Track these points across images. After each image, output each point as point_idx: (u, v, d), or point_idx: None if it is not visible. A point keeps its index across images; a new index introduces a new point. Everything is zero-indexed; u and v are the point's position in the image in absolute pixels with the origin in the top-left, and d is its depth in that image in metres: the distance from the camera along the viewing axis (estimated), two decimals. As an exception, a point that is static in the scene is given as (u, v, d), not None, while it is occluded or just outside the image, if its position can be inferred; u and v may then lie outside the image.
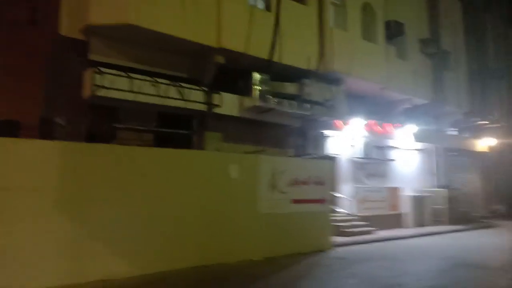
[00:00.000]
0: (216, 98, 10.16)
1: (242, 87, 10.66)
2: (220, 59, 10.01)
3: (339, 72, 11.85)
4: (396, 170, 16.32)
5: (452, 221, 16.38)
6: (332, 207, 12.84)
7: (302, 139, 12.27)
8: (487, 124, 19.27)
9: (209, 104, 10.00)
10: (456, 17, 18.00)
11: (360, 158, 14.40)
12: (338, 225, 12.52)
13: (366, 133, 14.23)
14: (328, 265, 8.46)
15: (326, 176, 10.68)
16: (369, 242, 11.66)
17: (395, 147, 16.38)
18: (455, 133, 19.30)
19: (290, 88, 11.19)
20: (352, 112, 13.41)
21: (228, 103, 10.42)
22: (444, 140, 18.04)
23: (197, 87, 9.85)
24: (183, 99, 9.41)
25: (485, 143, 20.28)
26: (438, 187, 17.27)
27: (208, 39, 9.70)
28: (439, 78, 16.13)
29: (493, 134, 20.35)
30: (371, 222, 13.64)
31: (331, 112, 11.93)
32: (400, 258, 9.22)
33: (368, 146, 14.41)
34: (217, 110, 10.27)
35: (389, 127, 15.00)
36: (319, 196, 10.38)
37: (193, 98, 9.76)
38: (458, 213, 17.02)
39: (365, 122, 13.95)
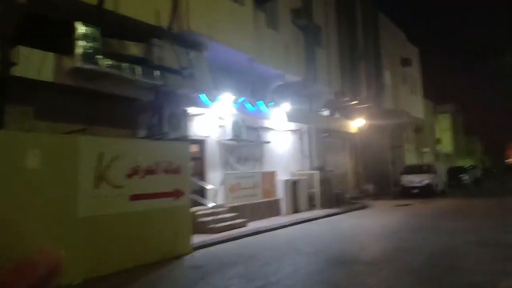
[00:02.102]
0: (15, 55, 7.01)
1: (60, 43, 7.66)
2: (21, -1, 6.88)
3: (198, 34, 9.65)
4: (271, 152, 15.07)
5: (326, 205, 15.88)
6: (198, 199, 10.77)
7: (157, 117, 9.79)
8: (356, 104, 19.47)
9: (3, 62, 6.80)
10: (327, -8, 17.43)
11: (230, 140, 12.58)
12: (203, 221, 10.53)
13: (236, 112, 12.45)
14: (174, 281, 6.30)
15: (184, 162, 8.46)
16: (237, 238, 9.88)
17: (270, 128, 15.09)
18: (327, 113, 19.05)
19: (133, 49, 8.58)
20: (219, 86, 11.45)
21: (36, 63, 7.34)
22: (317, 120, 17.52)
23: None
24: None
25: (354, 124, 20.63)
26: (312, 169, 16.66)
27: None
28: (311, 55, 15.27)
29: (362, 115, 20.82)
30: (243, 212, 12.00)
31: (191, 83, 9.71)
32: (267, 257, 7.58)
33: (239, 127, 12.67)
34: (20, 73, 7.13)
35: (261, 106, 13.51)
36: (173, 188, 8.12)
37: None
38: (332, 195, 16.68)
39: (236, 99, 12.14)
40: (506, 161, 65.53)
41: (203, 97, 10.84)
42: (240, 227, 11.14)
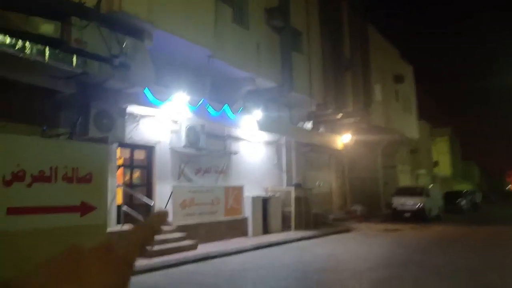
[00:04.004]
0: None
1: None
2: None
3: (134, 17, 8.06)
4: (241, 165, 13.32)
5: (302, 226, 14.04)
6: (135, 215, 9.01)
7: (83, 114, 8.11)
8: (341, 118, 17.84)
9: None
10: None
11: (185, 148, 10.85)
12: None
13: (193, 116, 10.76)
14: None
15: (98, 169, 6.71)
16: (175, 265, 8.06)
17: (240, 138, 13.39)
18: (310, 126, 17.38)
19: (44, 27, 6.97)
20: (170, 84, 9.84)
21: None
22: (297, 132, 15.84)
23: None
24: None
25: (340, 139, 18.95)
26: (289, 186, 14.88)
27: None
28: (288, 60, 13.69)
29: (349, 130, 19.17)
30: (195, 233, 10.20)
31: (124, 75, 8.06)
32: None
33: (196, 133, 10.97)
34: None
35: (228, 111, 11.83)
36: (78, 202, 6.35)
37: None
38: (309, 216, 14.85)
39: (193, 100, 10.47)
40: (506, 188, 63.41)
41: (148, 95, 9.20)
42: (188, 250, 9.32)
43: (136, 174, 10.54)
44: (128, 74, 8.13)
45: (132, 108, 9.35)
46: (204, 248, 9.63)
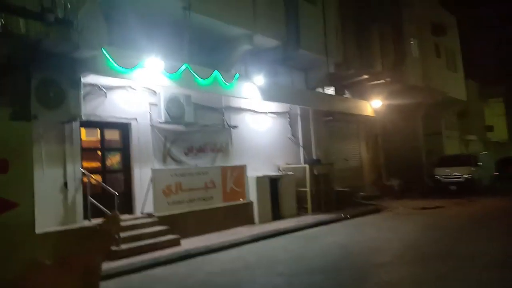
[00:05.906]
0: None
1: None
2: None
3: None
4: (246, 142, 11.55)
5: (321, 208, 12.14)
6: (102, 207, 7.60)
7: (25, 83, 6.63)
8: (368, 80, 15.37)
9: None
10: None
11: (169, 124, 9.20)
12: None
13: (180, 86, 9.02)
14: None
15: (17, 155, 5.25)
16: (139, 269, 6.54)
17: (240, 109, 11.55)
18: (331, 91, 15.10)
19: None
20: (142, 46, 8.13)
21: None
22: (313, 99, 13.66)
23: None
24: None
25: (370, 105, 16.51)
26: (307, 163, 12.93)
27: None
28: (293, 11, 11.47)
29: (379, 93, 16.64)
30: (183, 224, 8.66)
31: (64, 34, 6.44)
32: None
33: (178, 105, 9.25)
34: None
35: (219, 79, 9.97)
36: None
37: None
38: (330, 196, 12.87)
39: (172, 66, 8.73)
40: None
41: (108, 60, 7.56)
42: (168, 246, 7.79)
43: (114, 158, 9.09)
44: (71, 33, 6.51)
45: (93, 78, 7.78)
46: (190, 243, 8.07)
